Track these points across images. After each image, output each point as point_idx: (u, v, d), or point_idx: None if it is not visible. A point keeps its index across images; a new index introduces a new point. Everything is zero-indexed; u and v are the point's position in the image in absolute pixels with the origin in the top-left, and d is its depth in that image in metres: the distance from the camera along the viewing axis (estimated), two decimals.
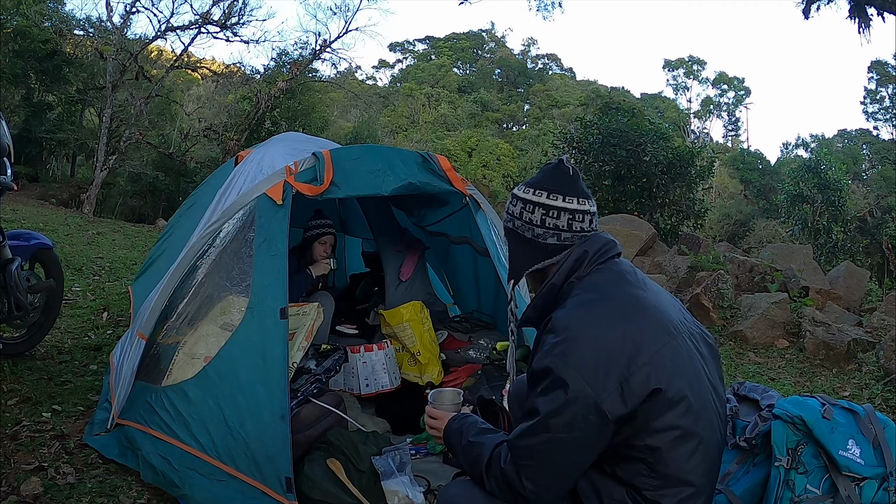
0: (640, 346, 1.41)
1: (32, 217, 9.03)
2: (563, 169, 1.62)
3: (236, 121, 15.89)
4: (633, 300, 1.50)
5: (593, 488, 1.47)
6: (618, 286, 1.52)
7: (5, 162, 3.08)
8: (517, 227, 1.64)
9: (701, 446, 1.45)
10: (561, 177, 1.61)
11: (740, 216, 21.28)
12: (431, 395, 1.84)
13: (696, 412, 1.44)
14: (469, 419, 1.67)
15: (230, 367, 2.38)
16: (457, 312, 4.06)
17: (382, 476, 2.29)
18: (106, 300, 4.86)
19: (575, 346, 1.39)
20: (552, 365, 1.38)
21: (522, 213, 1.61)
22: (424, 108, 42.20)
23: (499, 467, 1.46)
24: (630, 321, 1.44)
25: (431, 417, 1.76)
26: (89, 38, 14.81)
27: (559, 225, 1.57)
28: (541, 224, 1.59)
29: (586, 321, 1.44)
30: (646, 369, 1.39)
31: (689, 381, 1.45)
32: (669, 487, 1.42)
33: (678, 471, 1.42)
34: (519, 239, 1.64)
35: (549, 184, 1.61)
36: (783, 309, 5.17)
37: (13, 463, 2.43)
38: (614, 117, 11.61)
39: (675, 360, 1.44)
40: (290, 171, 2.63)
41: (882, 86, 31.62)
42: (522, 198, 1.63)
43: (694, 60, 46.83)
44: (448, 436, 1.67)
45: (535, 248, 1.61)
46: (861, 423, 1.90)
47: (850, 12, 9.17)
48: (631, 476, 1.43)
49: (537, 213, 1.59)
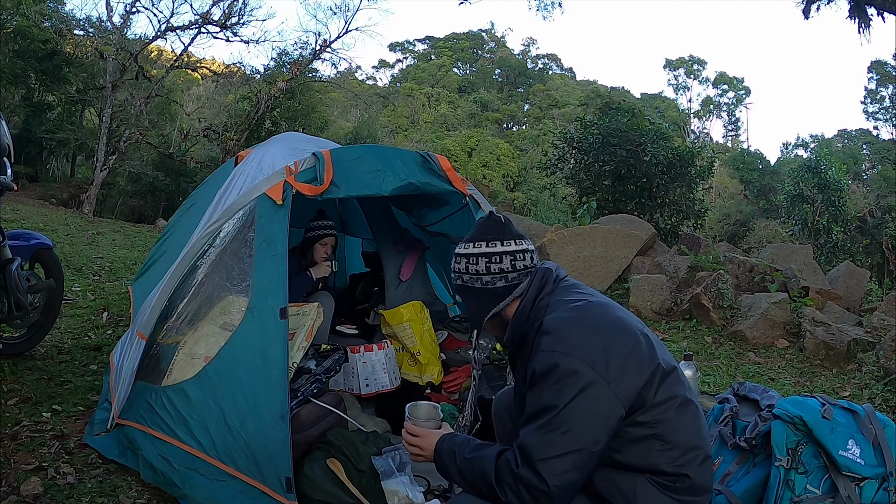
0: (629, 331, 1.55)
1: (32, 217, 9.03)
2: (494, 219, 1.75)
3: (236, 121, 15.87)
4: (605, 299, 1.68)
5: (616, 487, 1.51)
6: (585, 291, 1.69)
7: (5, 162, 3.08)
8: (466, 282, 1.74)
9: (697, 411, 1.60)
10: (493, 226, 1.73)
11: (740, 216, 21.27)
12: (408, 409, 1.81)
13: (684, 381, 1.60)
14: (458, 438, 1.67)
15: (230, 367, 2.38)
16: (457, 312, 4.06)
17: (382, 476, 2.29)
18: (106, 300, 4.86)
19: (574, 339, 1.50)
20: (558, 360, 1.47)
21: (468, 266, 1.72)
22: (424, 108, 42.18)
23: (512, 474, 1.47)
24: (611, 313, 1.60)
25: (413, 435, 1.74)
26: (89, 38, 14.79)
27: (503, 268, 1.69)
28: (486, 271, 1.70)
29: (577, 319, 1.56)
30: (641, 349, 1.52)
31: (667, 354, 1.62)
32: (686, 454, 1.52)
33: (688, 437, 1.53)
34: (470, 291, 1.74)
35: (484, 235, 1.72)
36: (783, 309, 5.17)
37: (13, 463, 2.44)
38: (614, 117, 11.60)
39: (654, 338, 1.60)
40: (290, 171, 2.63)
41: (882, 85, 31.64)
42: (464, 254, 1.74)
43: (694, 60, 46.83)
44: (440, 457, 1.66)
45: (487, 294, 1.71)
46: (861, 423, 1.91)
47: (850, 12, 9.17)
48: (647, 457, 1.50)
49: (481, 262, 1.70)
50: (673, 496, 1.50)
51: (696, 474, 1.51)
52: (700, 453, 1.54)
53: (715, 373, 4.37)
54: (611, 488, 1.51)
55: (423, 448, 1.70)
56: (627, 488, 1.50)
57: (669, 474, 1.49)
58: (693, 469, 1.51)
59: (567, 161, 12.02)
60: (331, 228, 3.73)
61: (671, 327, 5.47)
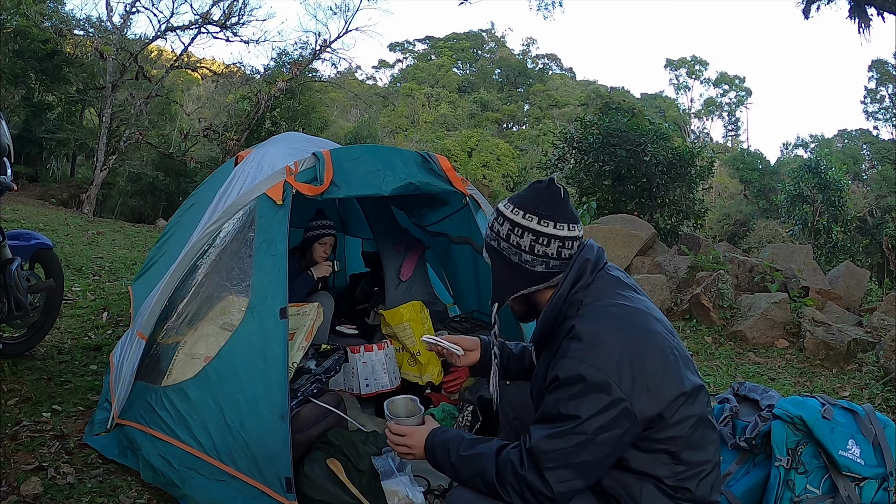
0: (662, 350, 1.48)
1: (32, 217, 9.02)
2: (554, 191, 1.57)
3: (236, 121, 15.87)
4: (640, 304, 1.57)
5: (623, 487, 1.50)
6: (624, 291, 1.57)
7: (5, 162, 3.07)
8: (503, 249, 1.59)
9: (709, 423, 1.55)
10: (552, 199, 1.56)
11: (740, 216, 21.30)
12: (386, 406, 1.76)
13: (702, 397, 1.53)
14: (449, 433, 1.63)
15: (230, 367, 2.38)
16: (457, 312, 4.06)
17: (382, 476, 2.29)
18: (106, 300, 4.86)
19: (604, 352, 1.42)
20: (584, 372, 1.41)
21: (510, 235, 1.57)
22: (424, 108, 42.18)
23: (515, 475, 1.45)
24: (645, 325, 1.51)
25: (398, 434, 1.67)
26: (89, 38, 14.77)
27: (549, 253, 1.55)
28: (529, 251, 1.55)
29: (611, 328, 1.47)
30: (670, 371, 1.46)
31: (694, 367, 1.55)
32: (691, 470, 1.49)
33: (698, 454, 1.50)
34: (504, 262, 1.60)
35: (539, 207, 1.55)
36: (783, 309, 5.17)
37: (13, 463, 2.43)
38: (614, 117, 11.60)
39: (682, 354, 1.53)
40: (290, 171, 2.63)
41: (882, 85, 31.65)
42: (511, 219, 1.58)
43: (696, 60, 46.85)
44: (432, 453, 1.61)
45: (522, 273, 1.58)
46: (861, 423, 1.90)
47: (850, 12, 9.17)
48: (653, 468, 1.48)
49: (526, 238, 1.55)
50: (678, 502, 1.50)
51: (697, 488, 1.50)
52: (708, 467, 1.52)
53: (715, 373, 4.37)
54: (617, 487, 1.51)
55: (412, 447, 1.65)
56: (634, 489, 1.49)
57: (670, 486, 1.49)
58: (694, 483, 1.49)
59: (567, 161, 12.02)
60: (330, 228, 3.74)
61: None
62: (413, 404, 1.80)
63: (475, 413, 2.55)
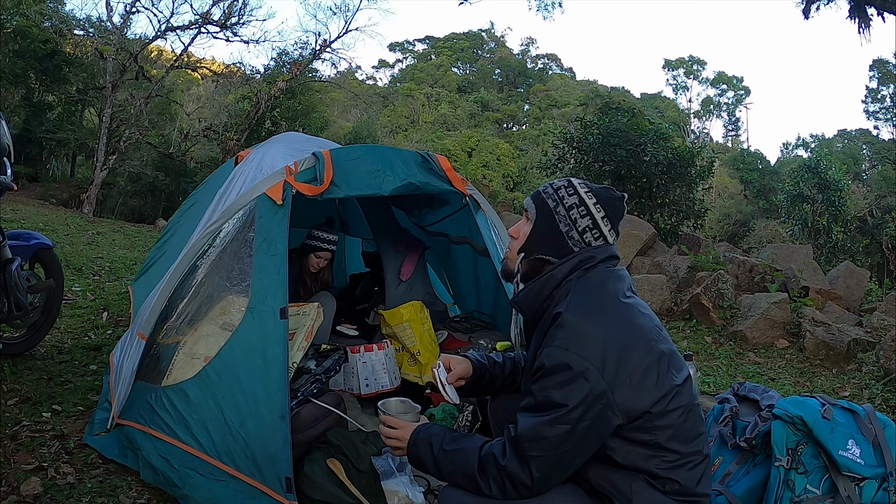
0: (648, 344, 1.51)
1: (32, 217, 9.02)
2: (623, 207, 1.71)
3: (236, 121, 15.86)
4: (630, 299, 1.61)
5: (612, 485, 1.51)
6: (616, 283, 1.61)
7: (5, 162, 3.07)
8: (557, 213, 1.66)
9: (697, 416, 1.58)
10: (620, 210, 1.69)
11: (740, 216, 21.30)
12: (380, 406, 1.78)
13: (691, 387, 1.58)
14: (434, 428, 1.64)
15: (230, 367, 2.38)
16: (457, 312, 4.06)
17: (382, 476, 2.29)
18: (106, 300, 4.86)
19: (589, 341, 1.46)
20: (569, 360, 1.45)
21: (573, 209, 1.65)
22: (424, 108, 42.16)
23: (497, 465, 1.47)
24: (631, 319, 1.54)
25: (390, 427, 1.70)
26: (89, 38, 14.76)
27: (591, 243, 1.64)
28: (580, 233, 1.64)
29: (597, 318, 1.51)
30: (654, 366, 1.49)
31: (680, 361, 1.58)
32: (681, 460, 1.51)
33: (686, 444, 1.52)
34: (552, 225, 1.67)
35: (609, 208, 1.66)
36: (783, 309, 5.17)
37: (13, 463, 2.43)
38: (614, 117, 11.60)
39: (669, 347, 1.56)
40: (290, 171, 2.63)
41: (883, 84, 31.63)
42: (583, 198, 1.66)
43: (694, 60, 46.83)
44: (416, 448, 1.62)
45: (559, 243, 1.65)
46: (861, 424, 1.90)
47: (850, 12, 9.18)
48: (642, 462, 1.50)
49: (584, 221, 1.65)
50: (669, 496, 1.51)
51: (686, 479, 1.51)
52: (696, 458, 1.54)
53: (715, 373, 4.37)
54: (607, 485, 1.51)
55: (401, 439, 1.67)
56: (623, 486, 1.50)
57: (660, 478, 1.50)
58: (682, 474, 1.50)
59: (567, 161, 12.02)
60: (331, 244, 3.70)
61: (671, 327, 5.47)
62: (405, 405, 1.82)
63: (475, 413, 2.55)
